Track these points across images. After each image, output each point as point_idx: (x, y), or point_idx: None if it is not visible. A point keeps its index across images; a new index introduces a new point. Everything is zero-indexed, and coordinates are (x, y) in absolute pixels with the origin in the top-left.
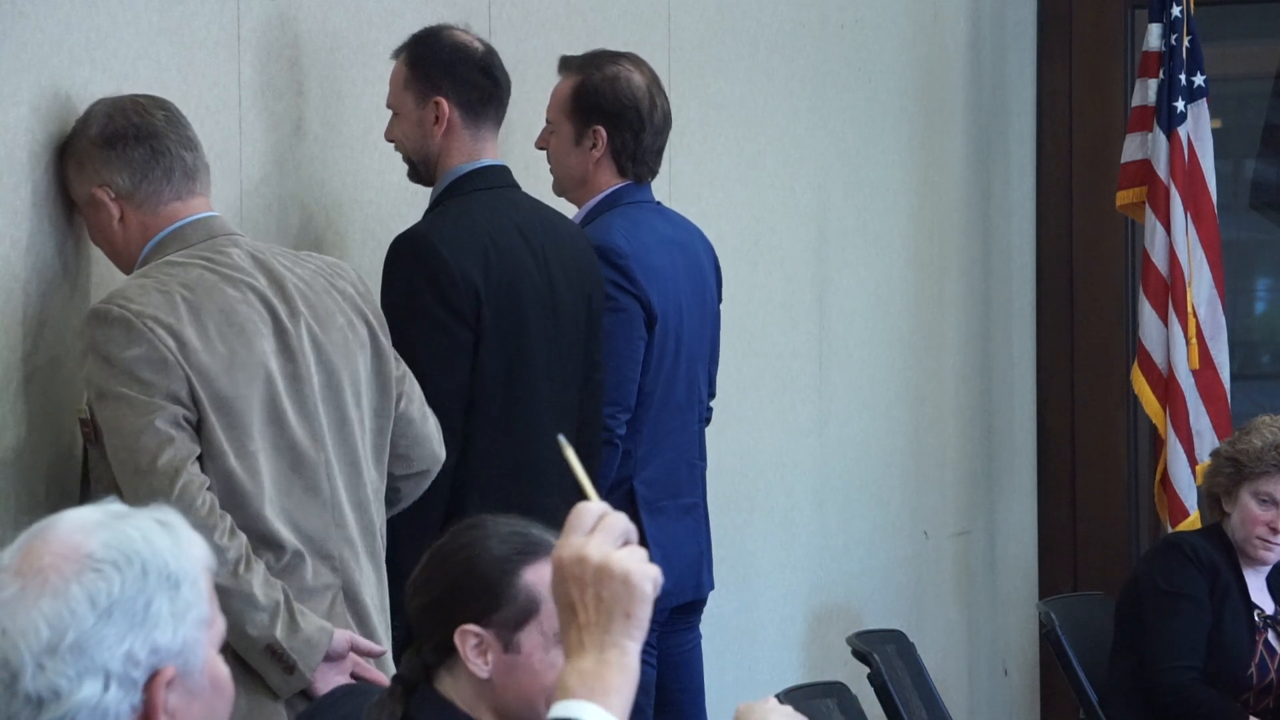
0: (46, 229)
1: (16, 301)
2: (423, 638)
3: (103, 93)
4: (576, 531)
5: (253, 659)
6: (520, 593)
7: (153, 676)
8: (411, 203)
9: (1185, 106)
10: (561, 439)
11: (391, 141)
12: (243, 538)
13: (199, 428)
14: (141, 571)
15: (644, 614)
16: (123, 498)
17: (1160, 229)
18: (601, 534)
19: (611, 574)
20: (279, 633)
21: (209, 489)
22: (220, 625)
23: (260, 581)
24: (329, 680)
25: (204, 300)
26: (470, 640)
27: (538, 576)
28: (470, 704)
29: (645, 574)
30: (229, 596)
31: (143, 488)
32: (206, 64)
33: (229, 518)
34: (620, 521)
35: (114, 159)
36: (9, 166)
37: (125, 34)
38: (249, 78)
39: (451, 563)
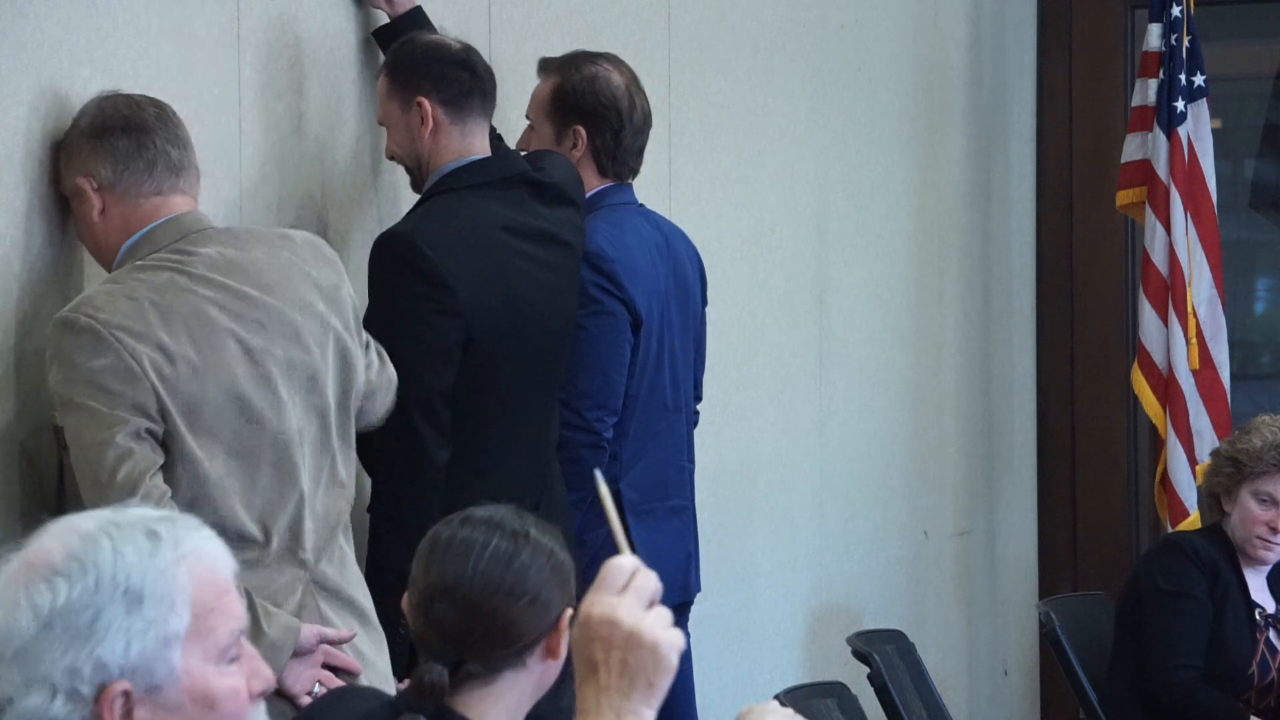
0: (46, 229)
1: (15, 301)
2: (495, 648)
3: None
4: (608, 589)
5: None
6: (574, 570)
7: (102, 691)
8: (412, 202)
9: (1185, 106)
10: (598, 475)
11: (392, 158)
12: None
13: (168, 434)
14: (94, 584)
15: (665, 684)
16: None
17: (1160, 229)
18: (633, 595)
19: (641, 642)
20: None
21: (171, 499)
22: (219, 639)
23: None
24: (298, 675)
25: (173, 304)
26: (565, 621)
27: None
28: (491, 709)
29: (673, 644)
30: None
31: (101, 501)
32: (206, 64)
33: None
34: (650, 581)
35: (99, 149)
36: (9, 166)
37: (125, 34)
38: (249, 78)
39: (538, 563)
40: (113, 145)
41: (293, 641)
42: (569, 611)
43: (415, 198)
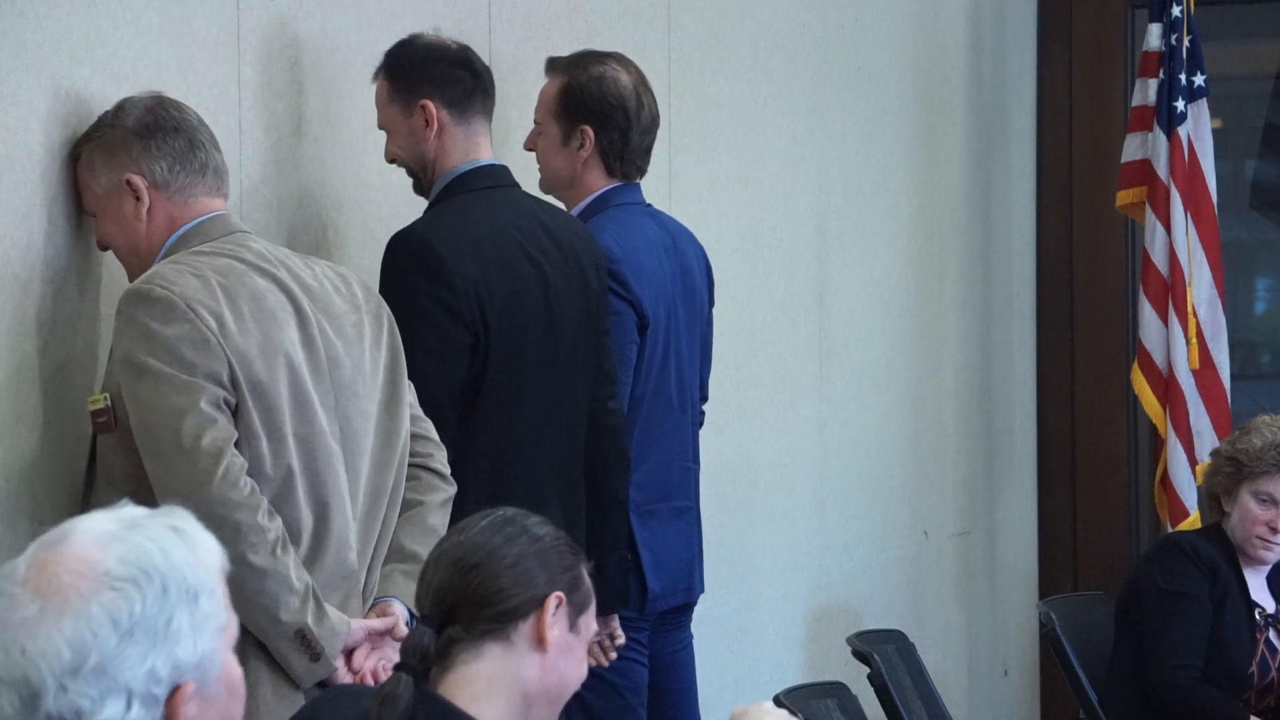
0: (48, 228)
1: (18, 300)
2: (477, 610)
3: (103, 93)
4: None
5: (279, 645)
6: (585, 580)
7: (174, 692)
8: (412, 202)
9: (1185, 106)
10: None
11: (392, 161)
12: (279, 520)
13: (235, 411)
14: (162, 588)
15: None
16: (144, 483)
17: (1160, 229)
18: None
19: None
20: (309, 618)
21: (248, 472)
22: (234, 627)
23: (294, 565)
24: (343, 671)
25: (236, 286)
26: (553, 604)
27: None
28: (481, 693)
29: None
30: (266, 578)
31: (185, 466)
32: (206, 64)
33: (265, 499)
34: None
35: (153, 148)
36: (9, 166)
37: (125, 34)
38: (249, 78)
39: (525, 539)
40: (169, 145)
41: (347, 631)
42: (559, 597)
43: (414, 198)
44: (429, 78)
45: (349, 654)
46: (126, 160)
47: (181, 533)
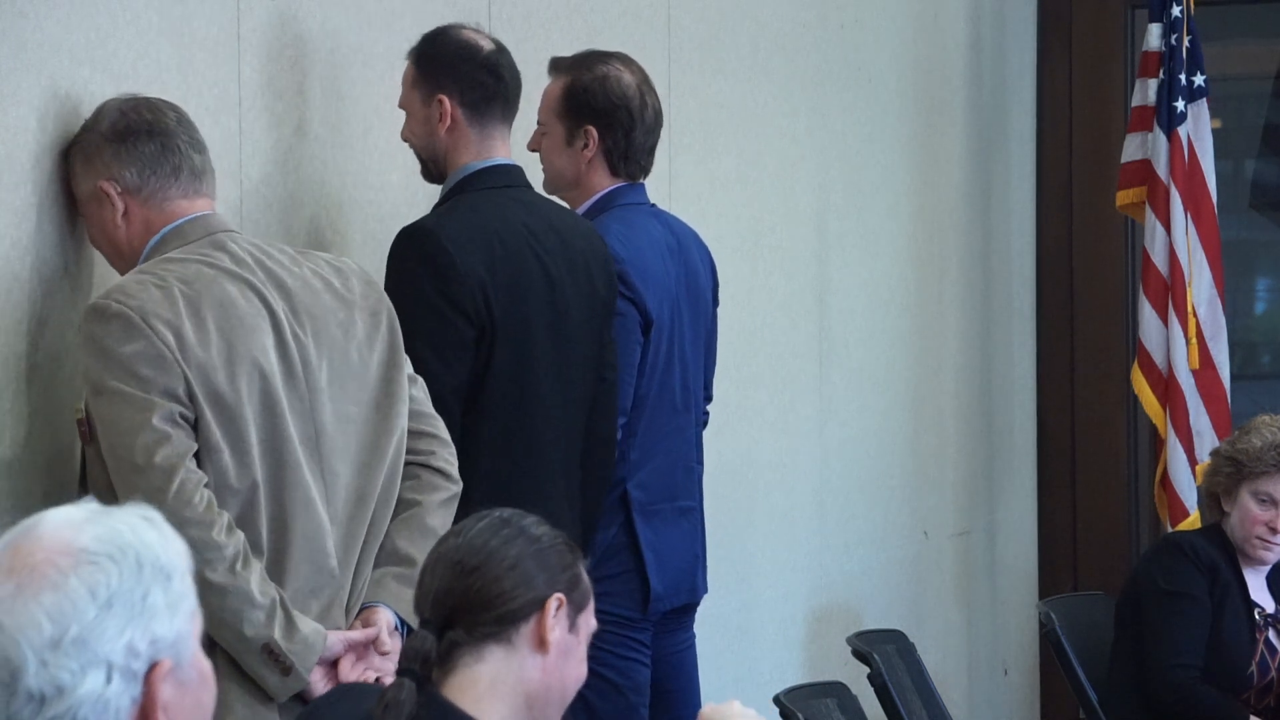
0: (47, 229)
1: (16, 301)
2: (478, 613)
3: (103, 93)
4: None
5: (248, 660)
6: (584, 578)
7: (152, 668)
8: (412, 202)
9: (1185, 106)
10: None
11: (406, 141)
12: (240, 535)
13: (196, 425)
14: (136, 563)
15: None
16: (117, 495)
17: (1160, 229)
18: None
19: None
20: (276, 633)
21: (206, 485)
22: (199, 620)
23: (258, 579)
24: (321, 685)
25: (203, 294)
26: (553, 606)
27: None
28: (484, 695)
29: None
30: (226, 595)
31: (140, 484)
32: (206, 64)
33: (226, 515)
34: None
35: (123, 153)
36: (9, 166)
37: (125, 34)
38: (249, 78)
39: (523, 540)
40: (138, 150)
41: (321, 644)
42: (559, 598)
43: (414, 198)
44: (452, 74)
45: (333, 665)
46: (100, 166)
47: (151, 520)
